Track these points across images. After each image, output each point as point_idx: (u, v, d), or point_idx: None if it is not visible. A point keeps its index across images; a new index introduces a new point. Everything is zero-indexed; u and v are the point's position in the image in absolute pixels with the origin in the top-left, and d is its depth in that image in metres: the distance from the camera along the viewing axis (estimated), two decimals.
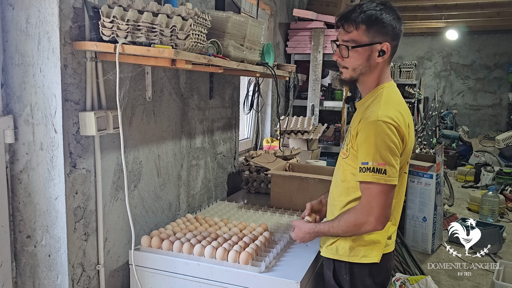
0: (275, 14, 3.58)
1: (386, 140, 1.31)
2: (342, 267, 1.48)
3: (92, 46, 1.35)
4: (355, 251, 1.46)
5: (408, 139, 1.39)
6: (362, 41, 1.39)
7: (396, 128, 1.33)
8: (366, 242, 1.45)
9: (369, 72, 1.44)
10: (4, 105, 1.38)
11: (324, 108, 4.03)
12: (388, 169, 1.31)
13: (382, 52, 1.40)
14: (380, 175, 1.31)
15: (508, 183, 5.88)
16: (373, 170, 1.31)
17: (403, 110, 1.41)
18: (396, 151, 1.33)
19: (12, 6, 1.33)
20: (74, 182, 1.42)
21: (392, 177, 1.32)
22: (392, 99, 1.42)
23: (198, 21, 1.42)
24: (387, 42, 1.39)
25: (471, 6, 6.20)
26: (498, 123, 9.20)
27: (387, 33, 1.39)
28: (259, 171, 2.59)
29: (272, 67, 2.17)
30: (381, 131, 1.31)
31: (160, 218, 1.93)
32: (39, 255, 1.44)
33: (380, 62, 1.42)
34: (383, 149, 1.31)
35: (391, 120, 1.32)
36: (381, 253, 1.46)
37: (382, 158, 1.31)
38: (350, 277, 1.47)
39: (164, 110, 1.90)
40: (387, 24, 1.38)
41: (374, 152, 1.31)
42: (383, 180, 1.31)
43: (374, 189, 1.33)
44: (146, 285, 1.64)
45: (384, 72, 1.46)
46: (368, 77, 1.45)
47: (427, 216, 3.95)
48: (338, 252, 1.48)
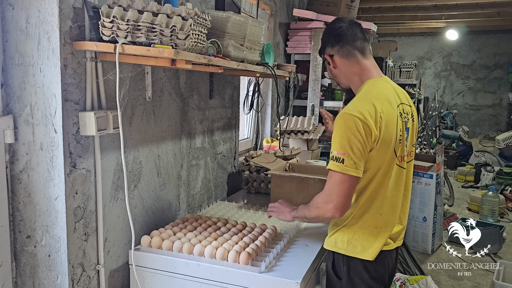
0: (275, 14, 3.58)
1: (348, 132, 1.38)
2: (340, 259, 1.53)
3: (92, 46, 1.35)
4: (352, 245, 1.50)
5: (379, 131, 1.41)
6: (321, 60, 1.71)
7: (362, 121, 1.37)
8: (365, 237, 1.49)
9: (340, 76, 1.61)
10: (4, 105, 1.38)
11: (324, 108, 4.03)
12: (346, 159, 1.37)
13: (329, 62, 1.60)
14: (339, 163, 1.37)
15: (508, 183, 5.88)
16: (334, 159, 1.39)
17: (380, 103, 1.44)
18: (357, 144, 1.37)
19: (12, 6, 1.33)
20: (74, 182, 1.42)
21: (349, 167, 1.37)
22: (369, 93, 1.48)
23: (198, 21, 1.42)
24: (327, 53, 1.59)
25: (471, 6, 6.19)
26: (498, 123, 9.20)
27: (324, 45, 1.60)
28: (259, 171, 2.58)
29: (272, 67, 2.17)
30: (345, 123, 1.39)
31: (160, 218, 1.93)
32: (39, 255, 1.44)
33: (338, 68, 1.58)
34: (344, 140, 1.38)
35: (358, 114, 1.38)
36: (377, 251, 1.49)
37: (342, 148, 1.37)
38: (347, 269, 1.52)
39: (164, 110, 1.90)
40: (324, 40, 1.61)
41: (337, 142, 1.39)
42: (340, 169, 1.37)
43: (334, 177, 1.40)
44: (146, 285, 1.64)
45: (361, 71, 1.55)
46: (350, 83, 1.60)
47: (427, 216, 3.95)
48: (336, 245, 1.53)
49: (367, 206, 1.49)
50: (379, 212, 1.49)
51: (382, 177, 1.47)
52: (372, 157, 1.42)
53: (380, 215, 1.49)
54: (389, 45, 5.85)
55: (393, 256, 1.62)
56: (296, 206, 1.65)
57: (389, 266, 1.59)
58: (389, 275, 1.63)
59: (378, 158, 1.43)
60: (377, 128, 1.40)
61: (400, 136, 1.50)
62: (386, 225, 1.51)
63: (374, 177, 1.46)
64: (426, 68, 9.60)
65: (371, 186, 1.47)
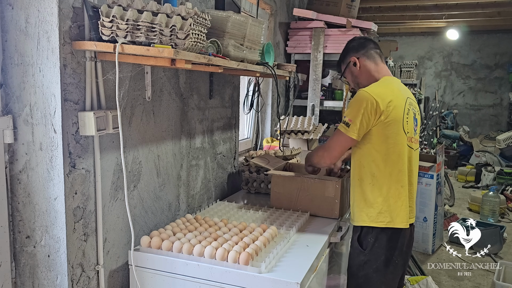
0: (275, 13, 3.58)
1: (359, 105, 1.72)
2: (369, 232, 1.81)
3: (91, 45, 1.35)
4: (382, 217, 1.78)
5: (387, 111, 1.73)
6: (343, 69, 1.99)
7: (374, 99, 1.71)
8: (391, 209, 1.77)
9: (362, 78, 1.92)
10: (4, 105, 1.38)
11: (324, 108, 4.03)
12: (352, 125, 1.73)
13: (354, 64, 1.92)
14: (345, 127, 1.75)
15: (508, 183, 5.87)
16: (344, 122, 1.76)
17: (390, 91, 1.79)
18: (366, 116, 1.72)
19: (11, 6, 1.33)
20: (73, 182, 1.42)
21: (351, 131, 1.74)
22: (382, 83, 1.84)
23: (198, 21, 1.41)
24: (351, 56, 1.93)
25: (471, 6, 6.18)
26: (498, 123, 9.19)
27: (348, 52, 1.96)
28: (259, 171, 2.58)
29: (272, 67, 2.17)
30: (359, 98, 1.74)
31: (159, 218, 1.93)
32: (39, 256, 1.43)
33: (362, 68, 1.91)
34: (355, 110, 1.73)
35: (370, 92, 1.74)
36: (405, 219, 1.80)
37: (353, 116, 1.73)
38: (374, 241, 1.79)
39: (163, 110, 1.89)
40: (349, 48, 1.96)
41: (350, 110, 1.76)
42: (345, 131, 1.75)
43: (337, 134, 1.80)
44: (145, 285, 1.63)
45: (376, 71, 1.90)
46: (366, 81, 1.90)
47: (428, 216, 3.95)
48: (366, 219, 1.80)
49: (389, 180, 1.77)
50: (401, 184, 1.78)
51: (398, 153, 1.77)
52: (380, 131, 1.74)
53: (402, 187, 1.79)
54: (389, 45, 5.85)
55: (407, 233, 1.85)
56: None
57: (406, 239, 1.85)
58: (407, 249, 1.87)
59: (387, 133, 1.75)
60: (383, 105, 1.71)
61: (407, 118, 1.80)
62: (408, 197, 1.81)
63: (387, 150, 1.76)
64: (426, 68, 9.59)
65: (386, 159, 1.76)
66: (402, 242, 1.81)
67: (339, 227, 2.08)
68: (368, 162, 1.78)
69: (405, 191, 1.80)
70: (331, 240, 1.93)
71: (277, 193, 2.22)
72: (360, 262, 1.81)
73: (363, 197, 1.81)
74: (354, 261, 1.84)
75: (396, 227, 1.78)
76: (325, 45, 3.70)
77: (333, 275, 2.06)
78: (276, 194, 2.23)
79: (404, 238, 1.82)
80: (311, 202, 2.14)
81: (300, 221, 1.97)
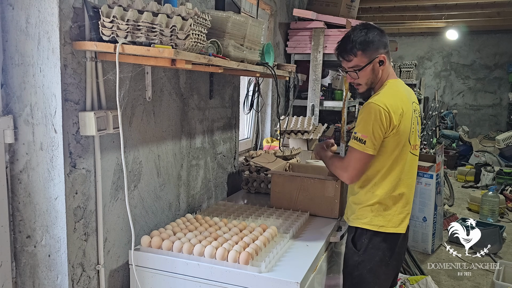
0: (275, 14, 3.58)
1: (373, 118, 1.64)
2: (363, 234, 1.78)
3: (92, 46, 1.35)
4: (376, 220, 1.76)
5: (399, 123, 1.67)
6: (363, 63, 1.74)
7: (385, 111, 1.63)
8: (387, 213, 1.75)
9: (378, 79, 1.78)
10: (4, 105, 1.38)
11: (324, 108, 4.03)
12: (367, 141, 1.65)
13: (381, 62, 1.74)
14: (361, 144, 1.66)
15: (508, 183, 5.87)
16: (357, 139, 1.67)
17: (400, 100, 1.71)
18: (380, 129, 1.64)
19: (12, 6, 1.33)
20: (74, 182, 1.42)
21: (369, 147, 1.66)
22: (391, 90, 1.73)
23: (198, 21, 1.42)
24: (381, 53, 1.73)
25: (471, 6, 6.19)
26: (498, 123, 9.19)
27: (378, 47, 1.73)
28: (259, 171, 2.58)
29: (272, 67, 2.17)
30: (371, 111, 1.65)
31: (160, 218, 1.93)
32: (39, 255, 1.44)
33: (384, 68, 1.76)
34: (369, 125, 1.64)
35: (383, 105, 1.64)
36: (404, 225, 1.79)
37: (366, 131, 1.65)
38: (367, 242, 1.78)
39: (164, 110, 1.90)
40: (376, 41, 1.72)
41: (362, 126, 1.66)
42: (361, 148, 1.66)
43: (354, 154, 1.69)
44: (146, 285, 1.64)
45: (386, 72, 1.78)
46: (378, 82, 1.79)
47: (427, 216, 3.95)
48: (361, 221, 1.78)
49: (387, 186, 1.73)
50: (398, 192, 1.75)
51: (402, 164, 1.74)
52: (390, 143, 1.68)
53: (399, 194, 1.75)
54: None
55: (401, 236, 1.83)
56: (325, 154, 1.94)
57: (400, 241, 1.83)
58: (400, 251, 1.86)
59: (395, 144, 1.69)
60: (396, 119, 1.65)
61: (413, 128, 1.76)
62: (405, 203, 1.78)
63: (391, 161, 1.71)
64: (426, 68, 9.60)
65: (390, 168, 1.72)
66: (396, 244, 1.80)
67: (339, 227, 2.09)
68: (372, 172, 1.74)
69: (402, 197, 1.77)
70: (331, 240, 1.94)
71: (277, 193, 2.23)
72: (355, 262, 1.80)
73: (359, 200, 1.79)
74: (349, 261, 1.84)
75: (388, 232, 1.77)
76: (325, 46, 3.71)
77: (333, 274, 2.06)
78: (276, 194, 2.23)
79: (398, 240, 1.81)
80: (311, 202, 2.14)
81: (300, 221, 1.97)
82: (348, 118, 3.93)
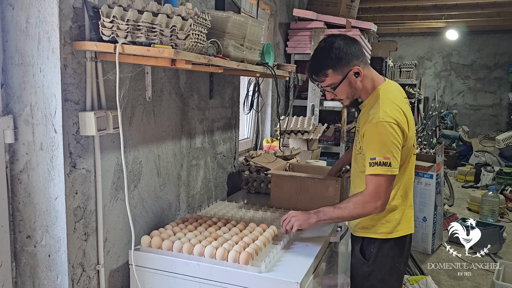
0: (275, 14, 3.58)
1: (390, 137, 1.55)
2: (371, 243, 1.74)
3: (92, 46, 1.35)
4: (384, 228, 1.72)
5: (408, 130, 1.62)
6: (337, 80, 1.65)
7: (397, 125, 1.56)
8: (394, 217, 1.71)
9: (359, 89, 1.69)
10: (4, 105, 1.38)
11: (324, 108, 4.03)
12: (392, 162, 1.55)
13: (357, 74, 1.65)
14: (387, 167, 1.55)
15: (508, 183, 5.88)
16: (381, 164, 1.55)
17: (401, 106, 1.63)
18: (398, 145, 1.57)
19: (12, 6, 1.33)
20: (74, 182, 1.42)
21: (395, 168, 1.57)
22: (388, 99, 1.64)
23: (198, 21, 1.42)
24: (354, 65, 1.64)
25: (471, 6, 6.19)
26: (498, 123, 9.19)
27: (349, 61, 1.63)
28: (259, 171, 2.58)
29: (272, 67, 2.17)
30: (384, 130, 1.55)
31: (160, 218, 1.93)
32: (39, 255, 1.44)
33: (363, 79, 1.67)
34: (388, 145, 1.55)
35: (391, 119, 1.56)
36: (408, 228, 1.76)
37: (388, 152, 1.55)
38: (377, 251, 1.73)
39: (164, 110, 1.90)
40: (344, 56, 1.62)
41: (380, 148, 1.55)
42: (390, 172, 1.56)
43: (382, 180, 1.56)
44: (146, 285, 1.64)
45: (371, 79, 1.69)
46: (361, 91, 1.71)
47: (427, 216, 3.95)
48: (368, 230, 1.73)
49: (398, 194, 1.70)
50: (402, 195, 1.71)
51: (406, 168, 1.70)
52: (403, 154, 1.63)
53: (403, 200, 1.71)
54: (389, 45, 5.85)
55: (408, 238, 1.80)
56: (314, 210, 1.71)
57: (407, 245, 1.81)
58: (408, 254, 1.83)
59: (407, 153, 1.66)
60: (407, 128, 1.61)
61: (413, 130, 1.71)
62: (410, 204, 1.75)
63: (402, 169, 1.67)
64: (426, 68, 9.60)
65: (400, 178, 1.67)
66: (404, 248, 1.78)
67: (339, 227, 2.09)
68: None
69: (407, 198, 1.75)
70: (331, 240, 1.93)
71: (277, 193, 2.23)
72: (365, 273, 1.76)
73: None
74: (358, 272, 1.79)
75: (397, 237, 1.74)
76: None
77: (333, 275, 2.06)
78: (276, 194, 2.23)
79: (406, 244, 1.79)
80: (311, 202, 2.14)
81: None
82: (348, 118, 3.93)
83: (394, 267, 1.75)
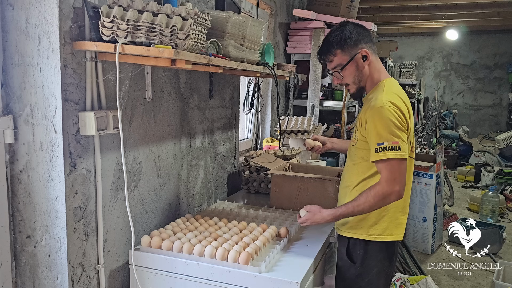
0: (275, 14, 3.58)
1: (394, 120, 1.51)
2: (357, 244, 1.67)
3: (92, 46, 1.35)
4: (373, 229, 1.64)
5: (409, 121, 1.59)
6: (345, 61, 1.64)
7: (399, 109, 1.53)
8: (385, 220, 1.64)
9: (366, 75, 1.67)
10: (4, 105, 1.38)
11: (324, 108, 4.03)
12: (401, 145, 1.51)
13: (365, 57, 1.64)
14: (397, 151, 1.50)
15: (508, 183, 5.87)
16: (390, 148, 1.50)
17: (404, 99, 1.61)
18: (403, 127, 1.53)
19: (12, 6, 1.33)
20: (74, 182, 1.42)
21: (405, 151, 1.52)
22: (392, 89, 1.62)
23: (198, 21, 1.42)
24: (362, 48, 1.63)
25: (471, 6, 6.19)
26: (498, 123, 9.19)
27: (357, 42, 1.63)
28: (259, 171, 2.58)
29: (272, 67, 2.17)
30: (387, 114, 1.51)
31: (160, 218, 1.93)
32: (39, 255, 1.44)
33: (371, 64, 1.65)
34: (394, 128, 1.50)
35: (393, 104, 1.53)
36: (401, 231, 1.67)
37: (395, 136, 1.50)
38: (363, 253, 1.66)
39: (164, 110, 1.90)
40: (353, 36, 1.63)
41: (387, 133, 1.50)
42: (400, 156, 1.50)
43: (394, 164, 1.51)
44: (146, 285, 1.64)
45: (378, 70, 1.68)
46: (368, 79, 1.68)
47: (427, 216, 3.95)
48: (356, 231, 1.66)
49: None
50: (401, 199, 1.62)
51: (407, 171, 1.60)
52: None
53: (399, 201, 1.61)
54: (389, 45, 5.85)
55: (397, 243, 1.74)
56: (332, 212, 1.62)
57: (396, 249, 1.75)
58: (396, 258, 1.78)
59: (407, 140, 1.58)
60: (408, 117, 1.57)
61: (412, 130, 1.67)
62: (404, 207, 1.67)
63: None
64: (426, 68, 9.60)
65: None
66: (394, 253, 1.71)
67: None
68: (375, 180, 1.58)
69: (399, 204, 1.64)
70: (331, 240, 1.94)
71: (277, 193, 2.23)
72: (351, 276, 1.69)
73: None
74: (345, 275, 1.72)
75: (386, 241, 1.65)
76: None
77: (333, 275, 2.06)
78: (276, 194, 2.23)
79: (395, 249, 1.71)
80: (311, 202, 2.12)
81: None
82: (348, 118, 3.93)
83: (382, 272, 1.68)
